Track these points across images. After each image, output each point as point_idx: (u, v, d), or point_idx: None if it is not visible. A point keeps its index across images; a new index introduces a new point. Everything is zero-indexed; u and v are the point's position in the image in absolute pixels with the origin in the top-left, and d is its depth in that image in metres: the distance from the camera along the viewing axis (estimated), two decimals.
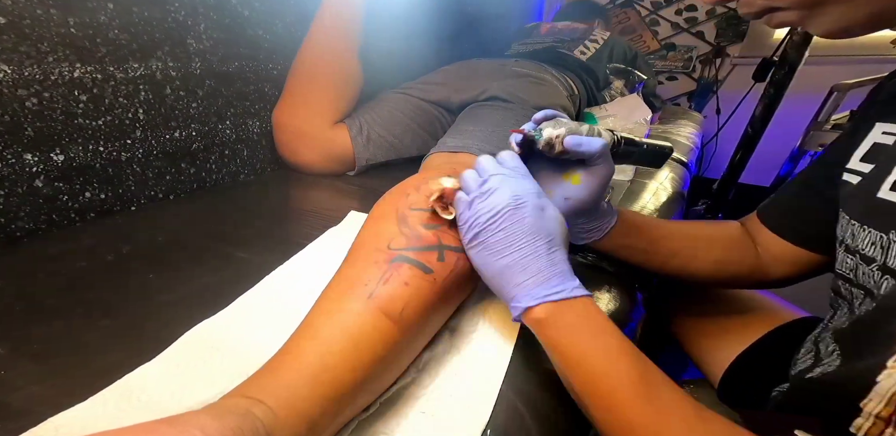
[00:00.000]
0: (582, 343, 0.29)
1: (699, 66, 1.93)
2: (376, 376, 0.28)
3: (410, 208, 0.35)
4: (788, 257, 0.43)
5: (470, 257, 0.33)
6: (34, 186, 0.47)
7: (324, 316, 0.29)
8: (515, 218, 0.31)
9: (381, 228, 0.34)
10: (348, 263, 0.33)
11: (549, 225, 0.32)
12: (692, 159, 1.04)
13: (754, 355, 0.49)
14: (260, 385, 0.24)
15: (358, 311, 0.28)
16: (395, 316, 0.28)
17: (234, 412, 0.21)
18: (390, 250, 0.32)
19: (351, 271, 0.32)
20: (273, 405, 0.22)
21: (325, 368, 0.25)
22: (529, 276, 0.30)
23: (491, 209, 0.31)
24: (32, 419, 0.26)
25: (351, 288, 0.30)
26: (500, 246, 0.31)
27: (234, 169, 0.69)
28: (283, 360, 0.26)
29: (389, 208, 0.36)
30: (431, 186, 0.35)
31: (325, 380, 0.25)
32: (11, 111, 0.43)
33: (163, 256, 0.46)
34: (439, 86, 0.76)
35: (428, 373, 0.33)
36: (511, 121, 0.61)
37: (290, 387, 0.24)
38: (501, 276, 0.31)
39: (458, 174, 0.37)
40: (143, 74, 0.53)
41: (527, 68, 0.77)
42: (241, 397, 0.23)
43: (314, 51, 0.67)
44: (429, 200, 0.35)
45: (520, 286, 0.30)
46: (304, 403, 0.24)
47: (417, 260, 0.31)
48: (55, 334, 0.34)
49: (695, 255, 0.45)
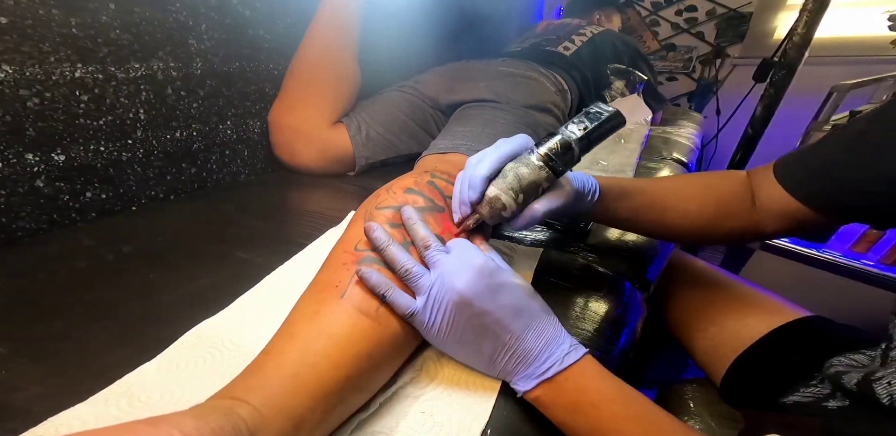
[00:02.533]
0: (587, 418, 0.28)
1: (699, 66, 1.93)
2: (365, 373, 0.28)
3: (377, 208, 0.35)
4: (791, 214, 0.40)
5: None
6: (35, 186, 0.47)
7: (300, 318, 0.29)
8: (474, 315, 0.29)
9: (352, 230, 0.35)
10: (321, 268, 0.33)
11: (510, 303, 0.29)
12: (692, 160, 1.04)
13: (757, 355, 0.49)
14: (243, 386, 0.24)
15: (333, 311, 0.29)
16: (372, 313, 0.29)
17: (217, 412, 0.21)
18: (357, 252, 0.32)
19: (322, 275, 0.32)
20: (257, 404, 0.23)
21: (306, 366, 0.25)
22: (516, 361, 0.29)
23: (444, 316, 0.29)
24: (32, 419, 0.26)
25: (323, 290, 0.30)
26: (472, 344, 0.30)
27: (235, 169, 0.70)
28: (264, 360, 0.26)
29: (361, 211, 0.36)
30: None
31: (308, 378, 0.25)
32: (13, 111, 0.43)
33: (163, 256, 0.46)
34: (430, 85, 0.77)
35: (427, 373, 0.33)
36: (500, 120, 0.61)
37: (272, 386, 0.24)
38: (493, 365, 0.30)
39: (437, 169, 0.37)
40: (144, 74, 0.53)
41: (513, 67, 0.77)
42: (226, 398, 0.23)
43: (313, 51, 0.67)
44: (397, 197, 0.35)
45: (510, 373, 0.30)
46: (289, 401, 0.24)
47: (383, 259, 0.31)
48: (55, 334, 0.34)
49: (686, 211, 0.43)
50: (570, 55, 0.89)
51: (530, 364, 0.29)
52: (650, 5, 1.94)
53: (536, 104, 0.68)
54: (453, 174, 0.41)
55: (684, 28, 1.92)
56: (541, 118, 0.67)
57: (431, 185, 0.38)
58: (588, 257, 0.51)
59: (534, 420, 0.30)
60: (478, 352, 0.30)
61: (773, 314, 0.51)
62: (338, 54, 0.68)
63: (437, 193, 0.37)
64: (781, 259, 0.90)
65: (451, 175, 0.41)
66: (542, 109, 0.68)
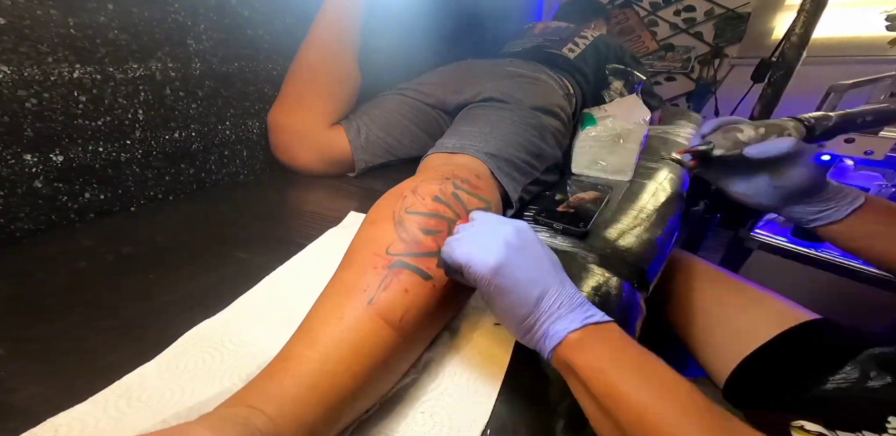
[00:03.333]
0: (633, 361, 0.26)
1: (697, 66, 1.93)
2: (377, 381, 0.28)
3: (407, 211, 0.34)
4: None
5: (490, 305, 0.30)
6: (34, 187, 0.47)
7: (323, 322, 0.28)
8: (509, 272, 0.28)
9: (379, 232, 0.33)
10: (345, 268, 0.32)
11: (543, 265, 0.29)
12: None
13: (763, 358, 0.48)
14: (259, 393, 0.24)
15: (357, 317, 0.28)
16: (396, 323, 0.28)
17: (233, 423, 0.21)
18: (389, 256, 0.31)
19: (349, 276, 0.31)
20: (272, 414, 0.22)
21: (325, 375, 0.25)
22: (561, 302, 0.28)
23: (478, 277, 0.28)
24: (32, 419, 0.26)
25: (349, 293, 0.29)
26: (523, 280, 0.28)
27: (234, 169, 0.69)
28: (282, 367, 0.26)
29: (386, 212, 0.35)
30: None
31: (326, 387, 0.25)
32: (11, 112, 0.43)
33: (163, 256, 0.46)
34: (435, 87, 0.76)
35: (428, 373, 0.33)
36: (507, 121, 0.60)
37: (290, 395, 0.24)
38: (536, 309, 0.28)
39: (457, 177, 0.36)
40: (142, 75, 0.53)
41: (522, 68, 0.77)
42: (240, 406, 0.23)
43: (313, 52, 0.67)
44: (427, 204, 0.35)
45: (552, 316, 0.28)
46: (305, 411, 0.23)
47: (417, 266, 0.31)
48: (55, 334, 0.34)
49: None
50: (574, 58, 0.89)
51: (575, 308, 0.28)
52: (648, 5, 1.94)
53: (543, 106, 0.67)
54: (472, 183, 0.42)
55: (683, 28, 1.92)
56: (547, 121, 0.66)
57: (456, 197, 0.38)
58: (588, 257, 0.51)
59: (534, 421, 0.30)
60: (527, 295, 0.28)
61: (782, 316, 0.51)
62: (338, 56, 0.68)
63: (461, 208, 0.37)
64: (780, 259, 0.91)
65: (471, 185, 0.41)
66: (548, 112, 0.68)
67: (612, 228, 0.59)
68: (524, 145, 0.58)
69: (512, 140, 0.57)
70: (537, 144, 0.62)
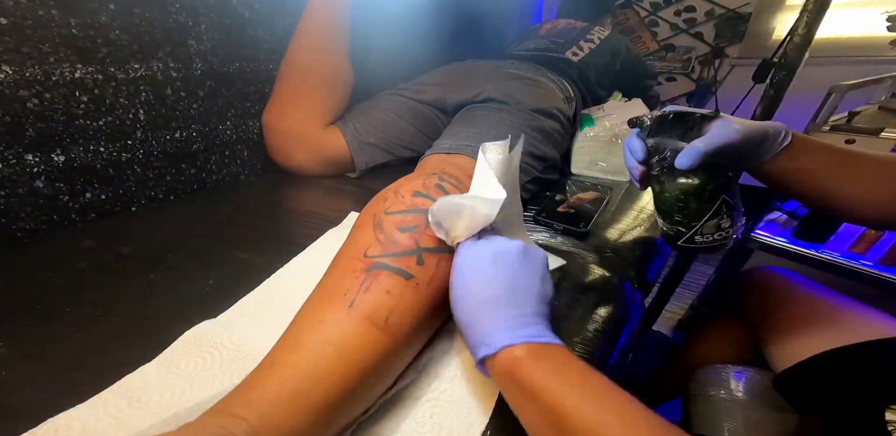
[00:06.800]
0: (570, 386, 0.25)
1: (698, 66, 1.93)
2: (369, 384, 0.27)
3: (386, 212, 0.34)
4: None
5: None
6: (35, 187, 0.47)
7: (305, 328, 0.28)
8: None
9: (359, 235, 0.34)
10: (328, 274, 0.32)
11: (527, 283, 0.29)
12: None
13: (832, 361, 0.48)
14: (242, 401, 0.24)
15: (340, 320, 0.27)
16: (382, 324, 0.28)
17: (213, 432, 0.21)
18: (367, 258, 0.31)
19: (329, 281, 0.31)
20: (254, 422, 0.22)
21: (309, 380, 0.25)
22: (510, 313, 0.27)
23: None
24: (32, 419, 0.26)
25: (330, 298, 0.29)
26: (482, 284, 0.29)
27: (235, 170, 0.70)
28: (266, 373, 0.25)
29: (368, 216, 0.35)
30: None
31: (311, 392, 0.24)
32: (13, 112, 0.43)
33: (163, 256, 0.46)
34: (434, 86, 0.76)
35: (427, 374, 0.33)
36: (506, 122, 0.60)
37: (272, 402, 0.23)
38: (482, 311, 0.28)
39: (445, 172, 0.37)
40: (143, 75, 0.53)
41: (523, 71, 0.77)
42: (223, 414, 0.23)
43: (301, 51, 0.66)
44: (405, 201, 0.34)
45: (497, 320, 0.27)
46: (289, 417, 0.23)
47: (396, 266, 0.30)
48: (55, 334, 0.34)
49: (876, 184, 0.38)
50: (578, 61, 0.89)
51: (522, 326, 0.27)
52: (649, 6, 1.94)
53: (544, 108, 0.67)
54: (461, 179, 0.41)
55: (683, 28, 1.92)
56: (546, 123, 0.66)
57: (440, 188, 0.38)
58: (588, 258, 0.51)
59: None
60: (479, 293, 0.28)
61: (868, 327, 0.51)
62: (328, 54, 0.67)
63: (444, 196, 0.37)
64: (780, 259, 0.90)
65: (458, 180, 0.41)
66: (549, 115, 0.68)
67: (612, 229, 0.59)
68: (523, 147, 0.58)
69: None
70: (537, 145, 0.62)
